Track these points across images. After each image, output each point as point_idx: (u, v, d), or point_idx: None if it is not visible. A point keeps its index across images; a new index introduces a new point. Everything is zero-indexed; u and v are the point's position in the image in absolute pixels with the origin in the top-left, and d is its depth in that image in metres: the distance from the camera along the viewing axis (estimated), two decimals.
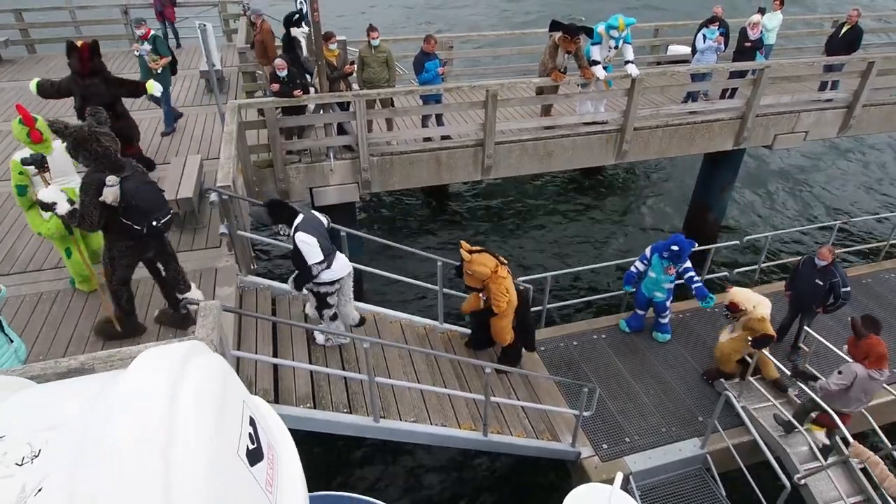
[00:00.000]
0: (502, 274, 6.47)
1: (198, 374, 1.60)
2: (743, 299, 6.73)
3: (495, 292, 6.44)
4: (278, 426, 2.30)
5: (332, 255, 5.39)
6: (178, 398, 1.48)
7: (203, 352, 1.79)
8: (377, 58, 8.44)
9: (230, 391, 1.76)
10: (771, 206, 13.69)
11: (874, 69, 9.62)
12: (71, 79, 7.06)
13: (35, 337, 5.27)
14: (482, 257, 6.44)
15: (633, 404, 7.17)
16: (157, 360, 1.62)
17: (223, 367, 1.84)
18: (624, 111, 8.89)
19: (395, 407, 5.76)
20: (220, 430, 1.57)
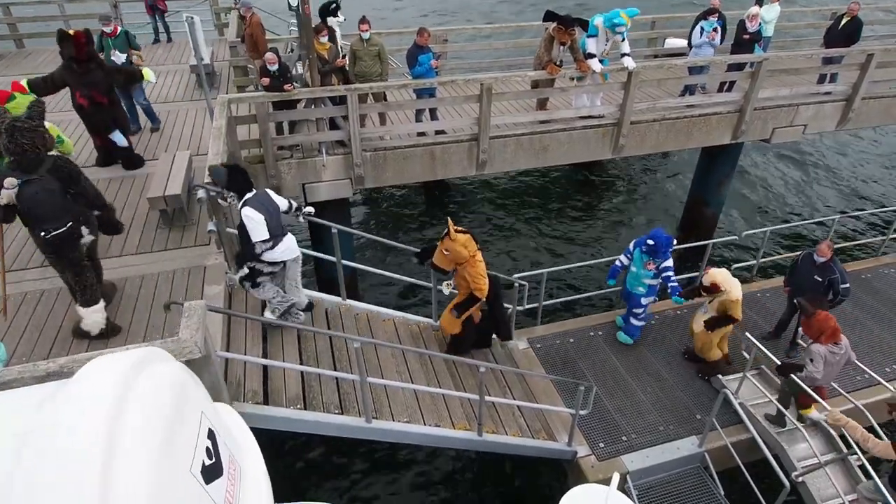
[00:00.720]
0: (479, 258, 6.35)
1: (147, 385, 1.48)
2: (723, 280, 6.73)
3: (475, 275, 6.28)
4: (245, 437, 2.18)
5: (280, 238, 5.20)
6: (122, 413, 1.36)
7: (159, 359, 1.67)
8: (369, 51, 8.30)
9: (187, 402, 1.64)
10: (769, 201, 13.59)
11: (873, 61, 9.50)
12: (65, 68, 6.89)
13: (19, 337, 5.16)
14: (467, 239, 6.24)
15: (630, 402, 7.08)
16: (103, 371, 1.49)
17: (180, 375, 1.71)
18: (620, 105, 8.77)
19: (387, 407, 5.65)
20: (170, 446, 1.45)
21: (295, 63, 8.49)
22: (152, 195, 6.53)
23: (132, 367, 1.55)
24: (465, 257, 6.18)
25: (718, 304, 6.85)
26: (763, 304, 8.67)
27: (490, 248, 11.58)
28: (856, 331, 8.07)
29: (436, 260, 6.31)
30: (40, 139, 4.48)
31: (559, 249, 11.62)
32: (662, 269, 7.28)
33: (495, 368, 7.01)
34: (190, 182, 6.82)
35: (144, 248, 6.35)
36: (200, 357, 3.85)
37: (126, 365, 1.55)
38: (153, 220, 6.76)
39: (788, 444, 6.38)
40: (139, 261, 6.14)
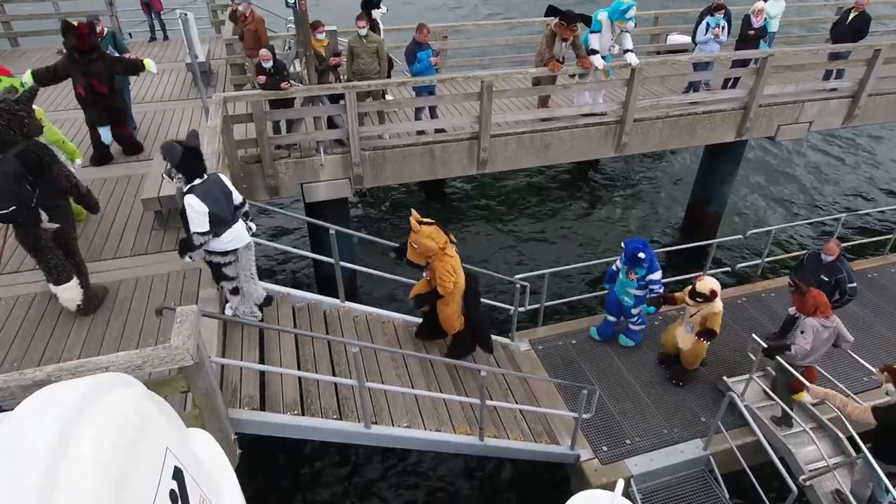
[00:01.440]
0: (450, 252, 6.00)
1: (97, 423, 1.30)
2: (715, 286, 6.42)
3: (440, 271, 5.94)
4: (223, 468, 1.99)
5: (227, 226, 4.91)
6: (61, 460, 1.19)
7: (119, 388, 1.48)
8: (367, 48, 8.16)
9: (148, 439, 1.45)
10: (774, 199, 13.44)
11: (880, 57, 9.35)
12: (68, 59, 7.02)
13: (10, 343, 5.04)
14: (432, 230, 5.88)
15: (633, 405, 6.97)
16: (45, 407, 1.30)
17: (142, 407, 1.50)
18: (623, 102, 8.63)
19: (387, 412, 5.54)
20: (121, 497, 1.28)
21: (292, 60, 8.36)
22: (147, 196, 6.41)
23: (81, 401, 1.37)
24: (434, 249, 5.87)
25: (702, 317, 6.55)
26: (768, 304, 8.55)
27: (490, 248, 11.46)
28: (862, 330, 7.95)
29: (408, 255, 6.04)
30: (17, 122, 4.46)
31: (561, 249, 11.49)
32: (648, 282, 7.00)
33: (497, 371, 6.90)
34: None
35: (139, 250, 6.23)
36: (193, 364, 3.75)
37: (74, 399, 1.37)
38: (148, 221, 6.63)
39: (795, 447, 6.27)
40: (133, 263, 6.02)
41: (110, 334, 5.10)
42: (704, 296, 6.41)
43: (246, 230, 5.14)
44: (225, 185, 4.97)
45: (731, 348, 7.68)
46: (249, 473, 4.85)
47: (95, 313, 5.34)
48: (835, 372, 7.04)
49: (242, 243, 5.12)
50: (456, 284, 6.12)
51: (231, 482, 1.85)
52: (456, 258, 6.11)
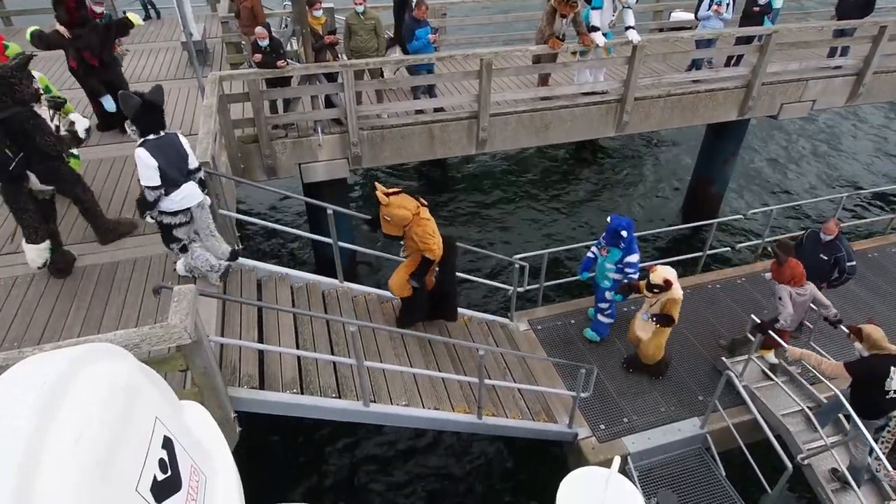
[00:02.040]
0: (424, 215, 5.83)
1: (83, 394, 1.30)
2: (670, 276, 6.31)
3: (422, 235, 5.77)
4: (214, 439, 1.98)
5: (176, 187, 4.80)
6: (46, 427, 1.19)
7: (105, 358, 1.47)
8: (365, 25, 8.05)
9: (136, 409, 1.45)
10: (775, 179, 13.37)
11: (886, 34, 9.20)
12: (58, 33, 7.05)
13: (9, 322, 5.06)
14: (401, 199, 5.72)
15: (631, 384, 7.01)
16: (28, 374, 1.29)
17: (130, 377, 1.50)
18: (624, 80, 8.52)
19: (385, 391, 5.57)
20: (109, 463, 1.27)
21: (289, 38, 8.24)
22: None
23: (66, 369, 1.35)
24: (408, 217, 5.71)
25: (661, 304, 6.44)
26: (767, 284, 8.52)
27: (489, 228, 11.43)
28: (862, 310, 7.96)
29: (384, 229, 5.90)
30: (7, 88, 4.64)
31: (560, 230, 11.46)
32: (625, 265, 6.84)
33: (495, 351, 6.93)
34: None
35: (136, 230, 6.21)
36: (191, 342, 3.76)
37: (59, 367, 1.35)
38: None
39: (794, 426, 6.31)
40: (131, 243, 6.01)
41: (109, 313, 5.12)
42: (659, 286, 6.31)
43: (198, 188, 5.01)
44: (181, 145, 4.86)
45: (730, 329, 7.70)
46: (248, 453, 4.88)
47: (94, 293, 5.35)
48: (833, 350, 7.06)
49: (195, 201, 4.99)
50: (439, 247, 5.96)
51: (224, 455, 1.86)
52: (432, 221, 5.92)
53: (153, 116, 4.70)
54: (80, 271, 5.62)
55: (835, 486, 5.85)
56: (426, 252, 5.87)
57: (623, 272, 6.88)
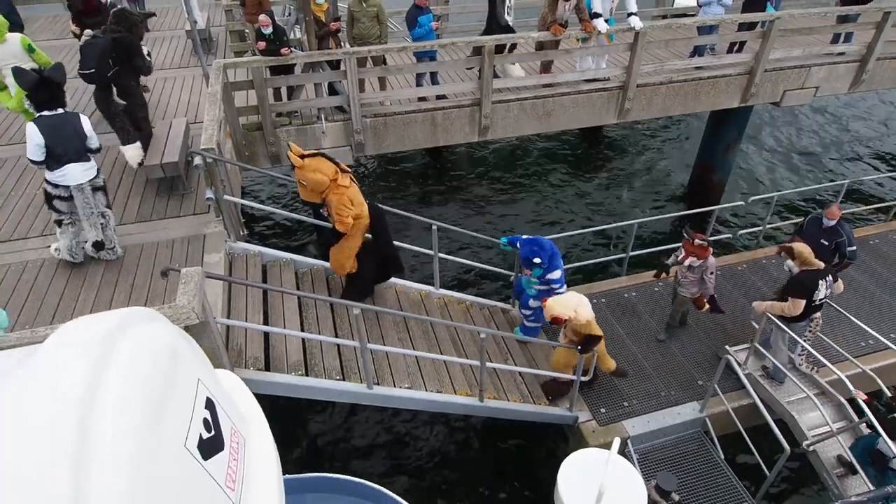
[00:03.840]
0: (343, 182, 5.43)
1: (131, 349, 1.34)
2: (561, 310, 5.90)
3: (336, 204, 5.40)
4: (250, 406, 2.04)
5: (61, 164, 5.03)
6: (98, 382, 1.23)
7: (147, 320, 1.53)
8: (367, 12, 8.06)
9: (179, 368, 1.50)
10: (777, 166, 13.35)
11: (889, 20, 9.16)
12: (74, 20, 7.46)
13: (21, 307, 5.17)
14: (317, 162, 5.31)
15: (631, 368, 7.08)
16: (78, 334, 1.35)
17: (172, 339, 1.56)
18: (626, 67, 8.53)
19: (389, 374, 5.67)
20: (159, 418, 1.32)
21: (292, 26, 8.28)
22: (150, 163, 6.47)
23: (113, 330, 1.39)
24: (325, 182, 5.33)
25: (572, 332, 6.12)
26: (768, 270, 8.59)
27: (492, 215, 11.48)
28: (862, 296, 8.00)
29: (301, 194, 5.55)
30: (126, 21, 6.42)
31: (562, 216, 11.51)
32: (549, 281, 6.60)
33: (497, 335, 7.02)
34: (188, 149, 6.73)
35: (143, 216, 6.31)
36: (198, 323, 3.85)
37: (106, 327, 1.39)
38: (152, 188, 6.70)
39: (799, 412, 6.34)
40: (138, 229, 6.11)
41: (118, 297, 5.23)
42: (556, 320, 5.94)
43: (82, 173, 5.16)
44: (80, 126, 5.06)
45: (731, 317, 7.74)
46: None
47: (103, 276, 5.45)
48: (836, 336, 7.10)
49: (72, 182, 5.14)
50: (358, 219, 5.62)
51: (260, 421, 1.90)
52: (353, 188, 5.54)
53: (50, 92, 4.93)
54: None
55: (840, 472, 5.90)
56: (337, 223, 5.52)
57: (548, 285, 6.66)
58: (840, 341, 7.00)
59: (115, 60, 6.22)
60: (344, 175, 5.48)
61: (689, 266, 6.63)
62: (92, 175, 5.27)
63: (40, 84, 4.91)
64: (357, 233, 5.75)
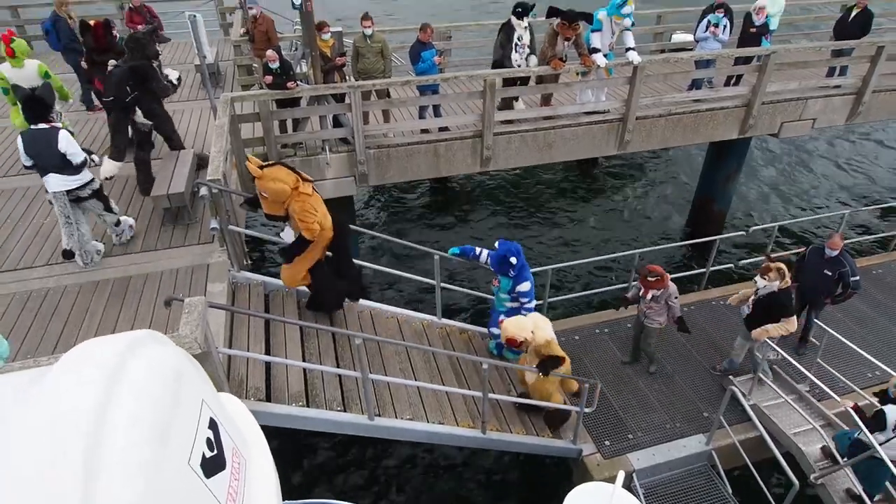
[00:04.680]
0: (306, 190, 5.30)
1: (140, 369, 1.41)
2: (516, 331, 5.84)
3: (300, 211, 5.24)
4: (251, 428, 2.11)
5: (45, 172, 5.55)
6: (109, 399, 1.30)
7: (154, 342, 1.59)
8: (372, 48, 8.27)
9: (185, 388, 1.57)
10: (778, 196, 13.43)
11: (884, 54, 9.35)
12: (86, 57, 7.77)
13: (23, 336, 5.19)
14: (276, 171, 5.16)
15: (636, 400, 7.02)
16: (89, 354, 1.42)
17: (177, 361, 1.63)
18: (626, 100, 8.68)
19: (390, 404, 5.62)
20: (165, 436, 1.38)
21: (299, 60, 8.48)
22: (157, 193, 6.56)
23: (122, 351, 1.47)
24: (286, 192, 5.17)
25: (533, 351, 6.05)
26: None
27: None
28: (867, 327, 7.96)
29: (264, 208, 5.42)
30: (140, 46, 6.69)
31: (564, 245, 11.54)
32: (518, 294, 6.47)
33: (500, 366, 6.97)
34: (194, 180, 6.83)
35: (148, 246, 6.37)
36: (200, 353, 3.86)
37: (116, 347, 1.47)
38: (158, 217, 6.78)
39: (805, 444, 6.26)
40: (143, 259, 6.16)
41: (121, 326, 5.24)
42: (511, 342, 5.90)
43: (59, 183, 5.60)
44: (56, 142, 5.45)
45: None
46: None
47: (106, 306, 5.48)
48: (842, 367, 7.03)
49: (50, 189, 5.66)
50: (323, 229, 5.51)
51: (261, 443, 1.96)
52: (316, 197, 5.43)
53: (37, 109, 5.48)
54: (92, 286, 5.76)
55: None
56: (304, 230, 5.36)
57: (518, 301, 6.53)
58: (846, 372, 6.93)
59: (133, 87, 6.63)
60: (306, 184, 5.36)
61: (653, 297, 6.63)
62: (71, 187, 5.65)
63: (30, 100, 5.48)
64: (318, 246, 5.59)
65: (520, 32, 8.11)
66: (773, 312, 6.33)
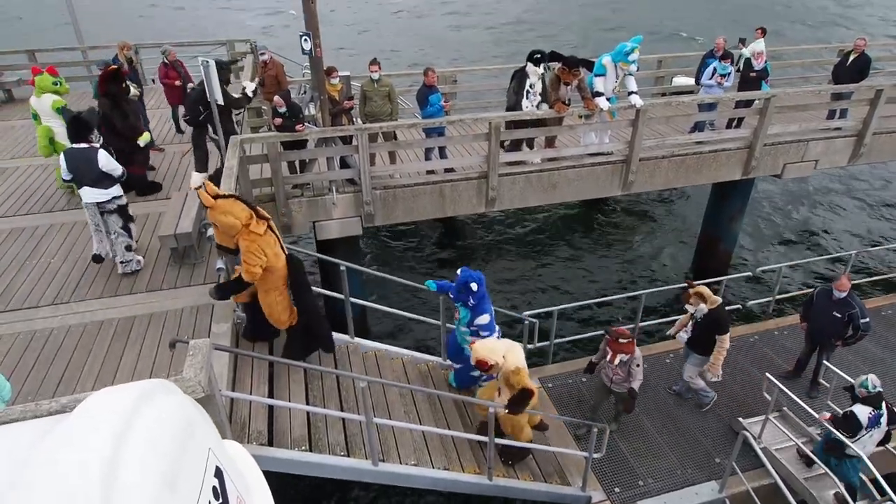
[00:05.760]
0: (257, 229, 5.11)
1: (151, 419, 1.47)
2: (487, 354, 5.56)
3: (244, 250, 5.09)
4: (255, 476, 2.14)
5: (81, 185, 6.20)
6: (122, 448, 1.35)
7: (164, 392, 1.65)
8: (379, 91, 8.47)
9: (193, 437, 1.61)
10: (784, 235, 13.43)
11: (883, 97, 9.50)
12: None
13: (26, 377, 5.14)
14: (230, 204, 5.00)
15: (645, 445, 6.85)
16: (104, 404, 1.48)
17: (187, 410, 1.69)
18: (629, 142, 8.80)
19: (394, 448, 5.51)
20: (174, 484, 1.41)
21: (307, 104, 8.68)
22: (163, 233, 6.60)
23: (135, 401, 1.53)
24: (236, 226, 5.02)
25: (503, 378, 5.70)
26: (780, 342, 8.46)
27: (498, 284, 11.50)
28: (878, 369, 7.80)
29: (216, 237, 5.31)
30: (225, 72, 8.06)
31: (570, 286, 11.50)
32: (478, 327, 6.15)
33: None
34: (201, 220, 6.89)
35: (154, 286, 6.38)
36: (204, 396, 3.80)
37: (129, 398, 1.53)
38: (164, 257, 6.81)
39: (818, 490, 6.08)
40: (148, 298, 6.16)
41: (123, 368, 5.19)
42: (481, 364, 5.62)
43: (91, 195, 6.22)
44: (94, 160, 6.09)
45: (744, 388, 7.58)
46: None
47: (109, 347, 5.44)
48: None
49: (84, 200, 6.29)
50: (270, 270, 5.29)
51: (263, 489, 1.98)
52: (267, 238, 5.22)
53: (76, 129, 6.18)
54: (96, 326, 5.74)
55: None
56: (243, 272, 5.20)
57: (479, 334, 6.22)
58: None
59: (205, 107, 7.70)
60: (259, 222, 5.17)
61: (620, 362, 6.20)
62: (100, 200, 6.26)
63: (74, 121, 6.25)
64: (274, 283, 5.44)
65: (533, 80, 8.29)
66: (713, 331, 6.50)
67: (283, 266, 5.44)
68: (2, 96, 12.67)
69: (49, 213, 7.92)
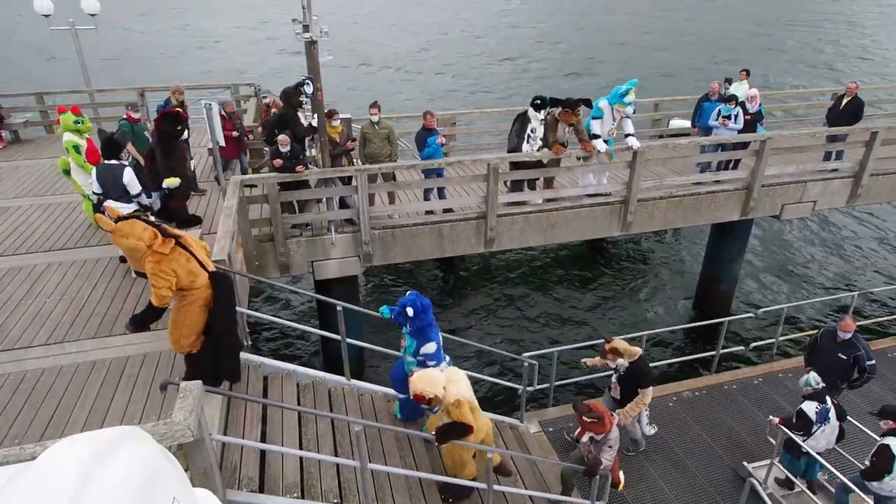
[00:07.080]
0: (162, 249, 4.61)
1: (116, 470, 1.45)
2: (425, 387, 5.10)
3: (150, 272, 4.62)
4: None
5: (107, 199, 6.78)
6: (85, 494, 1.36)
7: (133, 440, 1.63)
8: (379, 133, 8.59)
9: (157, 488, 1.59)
10: (786, 276, 13.37)
11: (878, 139, 9.62)
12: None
13: (14, 419, 5.02)
14: (129, 226, 4.60)
15: (649, 491, 6.64)
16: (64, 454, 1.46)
17: (154, 459, 1.66)
18: (627, 183, 8.86)
19: (390, 496, 5.32)
20: None
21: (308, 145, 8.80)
22: None
23: (98, 450, 1.51)
24: (140, 248, 4.57)
25: (445, 411, 5.25)
26: (785, 384, 8.30)
27: (497, 326, 11.39)
28: None
29: (130, 263, 4.99)
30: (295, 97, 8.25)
31: (569, 327, 11.38)
32: (425, 356, 5.67)
33: (505, 454, 6.65)
34: None
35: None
36: (194, 440, 3.70)
37: (91, 448, 1.52)
38: None
39: None
40: (140, 339, 6.07)
41: (114, 410, 5.08)
42: (419, 398, 5.18)
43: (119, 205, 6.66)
44: (120, 177, 6.79)
45: (749, 431, 7.39)
46: None
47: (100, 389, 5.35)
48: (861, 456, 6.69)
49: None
50: (185, 292, 4.79)
51: None
52: (176, 256, 4.71)
53: (109, 148, 6.87)
54: (88, 366, 5.65)
55: None
56: (152, 296, 4.73)
57: (425, 364, 5.75)
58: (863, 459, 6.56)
59: (280, 130, 8.00)
60: (166, 241, 4.68)
61: (591, 440, 5.78)
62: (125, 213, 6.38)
63: (108, 141, 6.94)
64: (190, 306, 4.87)
65: (534, 125, 8.45)
66: (636, 383, 6.43)
67: (203, 286, 4.86)
68: (9, 137, 12.88)
69: (47, 253, 7.93)
